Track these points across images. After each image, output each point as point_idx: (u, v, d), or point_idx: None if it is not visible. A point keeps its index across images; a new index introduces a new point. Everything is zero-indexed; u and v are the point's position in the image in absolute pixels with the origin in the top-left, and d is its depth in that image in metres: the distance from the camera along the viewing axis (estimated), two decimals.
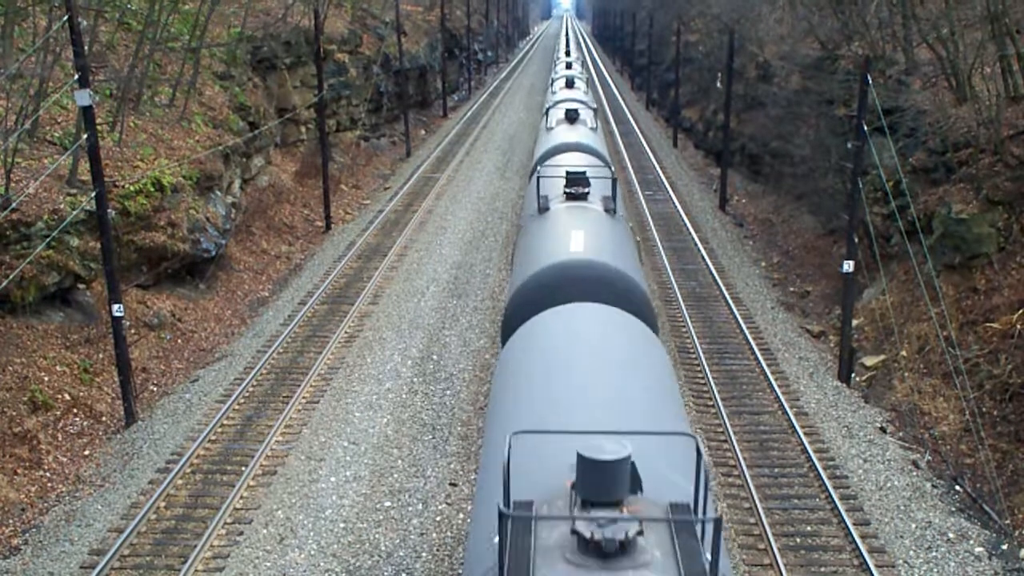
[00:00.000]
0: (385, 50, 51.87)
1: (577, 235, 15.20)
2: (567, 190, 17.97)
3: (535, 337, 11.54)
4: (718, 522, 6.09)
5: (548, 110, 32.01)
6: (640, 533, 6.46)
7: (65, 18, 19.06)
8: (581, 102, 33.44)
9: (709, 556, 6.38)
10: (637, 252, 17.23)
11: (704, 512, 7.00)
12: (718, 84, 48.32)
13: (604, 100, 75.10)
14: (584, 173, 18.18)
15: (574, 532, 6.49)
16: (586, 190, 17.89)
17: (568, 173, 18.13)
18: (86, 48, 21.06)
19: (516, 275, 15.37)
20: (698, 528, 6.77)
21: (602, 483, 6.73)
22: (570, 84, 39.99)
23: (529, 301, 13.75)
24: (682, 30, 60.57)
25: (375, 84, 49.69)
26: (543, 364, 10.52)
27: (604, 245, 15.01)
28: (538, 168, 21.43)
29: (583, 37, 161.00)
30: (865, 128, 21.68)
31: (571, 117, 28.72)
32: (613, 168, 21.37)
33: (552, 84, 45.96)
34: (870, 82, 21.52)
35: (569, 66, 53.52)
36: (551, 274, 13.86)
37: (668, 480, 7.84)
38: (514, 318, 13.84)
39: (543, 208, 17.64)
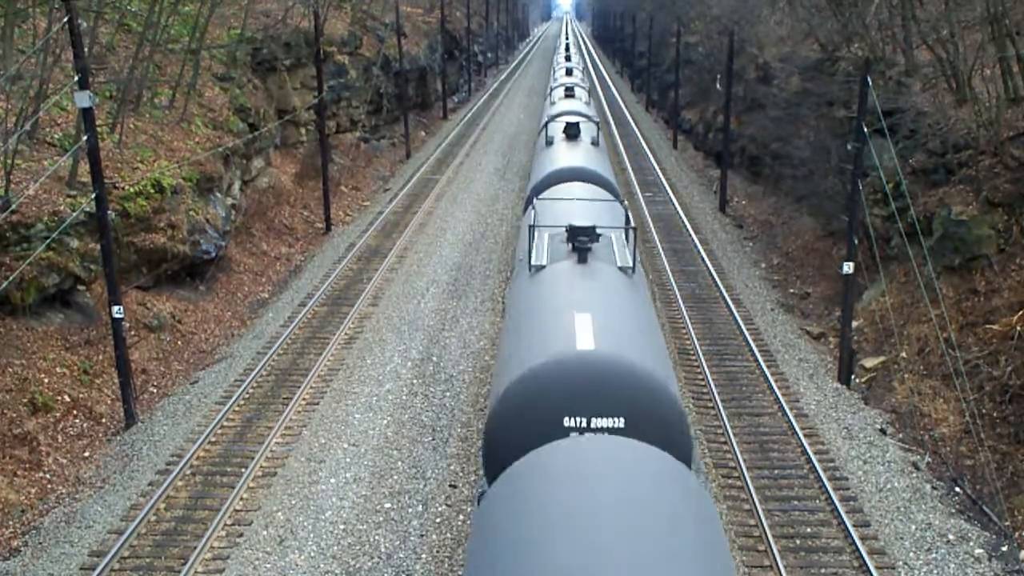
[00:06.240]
0: (385, 52, 51.89)
1: (584, 316, 11.74)
2: (570, 242, 14.47)
3: (526, 498, 8.59)
4: None
5: (546, 124, 28.33)
6: None
7: (65, 20, 19.07)
8: (583, 115, 30.74)
9: None
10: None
11: None
12: (718, 86, 48.35)
13: (604, 102, 75.13)
14: (593, 224, 14.49)
15: None
16: (595, 242, 14.37)
17: (572, 224, 14.50)
18: (86, 50, 21.07)
19: (502, 373, 11.84)
20: None
21: None
22: (570, 93, 36.96)
23: (519, 420, 10.69)
24: (682, 32, 60.62)
25: (375, 86, 49.70)
26: (539, 556, 7.73)
27: (622, 330, 11.74)
28: (533, 203, 17.52)
29: (583, 39, 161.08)
30: (865, 130, 21.69)
31: (571, 134, 25.79)
32: (626, 203, 17.89)
33: (550, 93, 41.93)
34: (870, 84, 21.53)
35: (569, 72, 49.51)
36: (549, 379, 10.66)
37: None
38: (500, 446, 10.75)
39: (538, 264, 14.29)
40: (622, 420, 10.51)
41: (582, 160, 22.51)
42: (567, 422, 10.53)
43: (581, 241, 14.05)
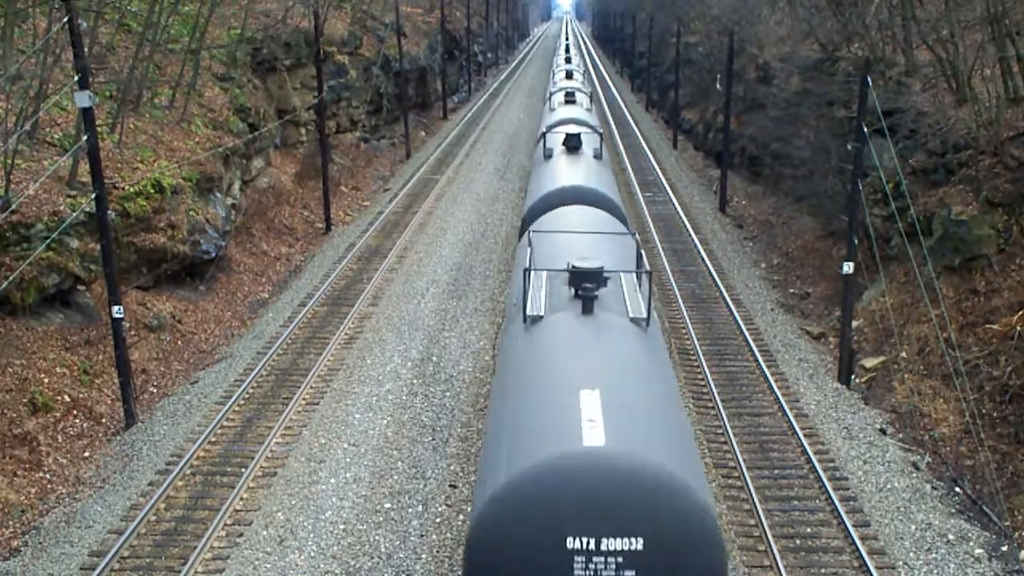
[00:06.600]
0: (385, 52, 51.90)
1: (591, 395, 9.65)
2: (573, 286, 12.40)
3: None
4: None
5: (544, 135, 25.90)
6: None
7: (65, 20, 19.07)
8: (584, 124, 28.71)
9: None
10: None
11: None
12: (718, 86, 48.35)
13: (604, 101, 75.14)
14: (599, 266, 12.28)
15: None
16: (602, 286, 12.27)
17: (574, 266, 12.34)
18: (86, 50, 21.07)
19: (489, 467, 9.86)
20: None
21: None
22: (571, 98, 34.74)
23: (510, 537, 8.93)
24: (682, 32, 60.63)
25: (375, 86, 49.71)
26: None
27: (638, 415, 9.72)
28: (530, 235, 15.22)
29: (583, 39, 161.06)
30: (865, 130, 21.70)
31: (572, 146, 23.95)
32: (637, 234, 15.91)
33: (549, 98, 39.17)
34: (870, 84, 21.53)
35: (569, 75, 46.65)
36: (548, 487, 8.84)
37: None
38: (486, 569, 9.14)
39: (535, 315, 12.12)
40: (640, 541, 8.76)
41: (584, 178, 20.62)
42: (571, 543, 8.83)
43: (586, 288, 11.96)
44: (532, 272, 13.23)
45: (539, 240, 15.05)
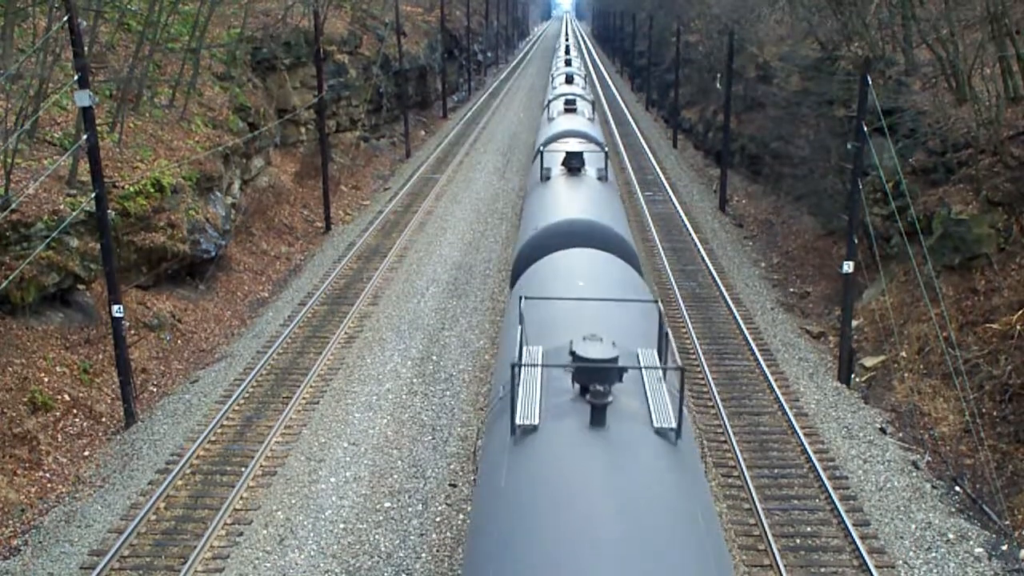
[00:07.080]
0: (385, 51, 51.89)
1: None
2: (577, 383, 9.08)
3: None
4: None
5: (540, 151, 21.87)
6: None
7: (65, 19, 19.07)
8: (587, 137, 25.19)
9: None
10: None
11: None
12: (718, 85, 48.33)
13: (604, 100, 75.13)
14: (614, 356, 8.96)
15: None
16: (617, 381, 8.94)
17: (580, 355, 8.96)
18: (86, 49, 21.07)
19: None
20: None
21: None
22: (571, 107, 30.75)
23: None
24: (682, 31, 60.62)
25: (375, 85, 49.69)
26: None
27: None
28: (520, 303, 10.75)
29: (583, 38, 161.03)
30: (865, 129, 21.69)
31: (573, 166, 20.56)
32: (658, 297, 13.24)
33: (547, 106, 34.75)
34: (870, 83, 21.52)
35: (570, 79, 42.35)
36: None
37: None
38: None
39: (527, 425, 8.73)
40: None
41: (589, 209, 17.20)
42: None
43: (597, 393, 8.56)
44: (524, 357, 9.90)
45: (532, 309, 11.59)
